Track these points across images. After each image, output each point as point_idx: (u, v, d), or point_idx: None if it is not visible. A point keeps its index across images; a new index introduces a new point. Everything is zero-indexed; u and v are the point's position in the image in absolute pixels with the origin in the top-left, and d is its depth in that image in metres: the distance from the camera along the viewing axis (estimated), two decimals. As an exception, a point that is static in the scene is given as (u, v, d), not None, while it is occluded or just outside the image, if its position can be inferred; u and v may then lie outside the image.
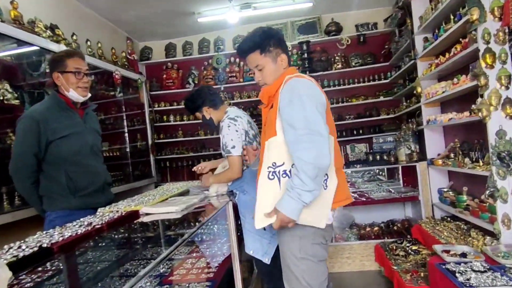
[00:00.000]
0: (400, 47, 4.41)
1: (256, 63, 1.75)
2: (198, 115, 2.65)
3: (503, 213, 2.43)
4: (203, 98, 2.58)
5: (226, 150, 2.39)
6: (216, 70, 5.46)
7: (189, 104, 2.65)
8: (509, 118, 2.41)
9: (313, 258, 1.66)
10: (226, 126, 2.41)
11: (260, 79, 1.78)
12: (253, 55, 1.74)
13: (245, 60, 1.81)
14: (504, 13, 2.35)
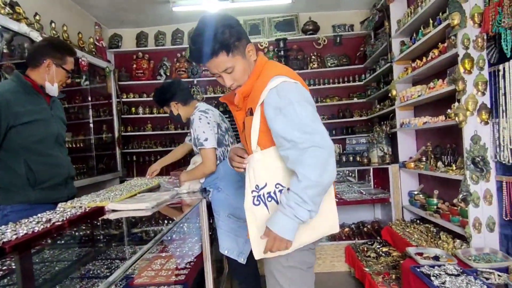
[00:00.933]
0: (376, 50, 4.44)
1: (224, 66, 1.38)
2: (166, 109, 2.57)
3: (475, 217, 2.47)
4: (172, 93, 2.47)
5: (198, 143, 2.27)
6: (189, 63, 5.28)
7: (157, 97, 2.56)
8: (484, 124, 2.44)
9: (302, 266, 1.45)
10: (197, 119, 2.31)
11: (232, 82, 1.42)
12: (219, 58, 1.36)
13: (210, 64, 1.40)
14: (483, 20, 2.37)
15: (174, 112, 2.52)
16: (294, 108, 1.28)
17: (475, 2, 2.43)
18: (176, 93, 2.48)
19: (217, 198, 2.40)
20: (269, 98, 1.33)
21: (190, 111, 2.48)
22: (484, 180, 2.45)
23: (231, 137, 2.53)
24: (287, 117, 1.28)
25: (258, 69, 1.44)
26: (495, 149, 2.39)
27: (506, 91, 2.23)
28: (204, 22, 1.37)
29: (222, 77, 1.41)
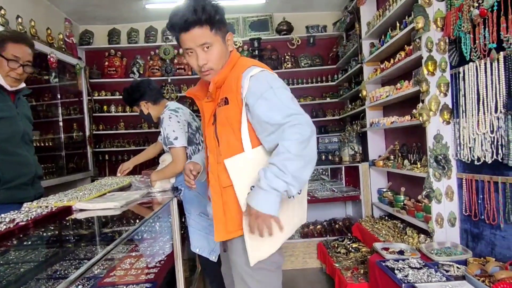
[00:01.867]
0: (347, 51, 4.55)
1: (203, 40, 1.32)
2: (136, 109, 2.55)
3: (437, 212, 2.58)
4: (141, 92, 2.46)
5: (168, 142, 2.27)
6: (163, 61, 5.23)
7: (126, 97, 2.53)
8: (445, 124, 2.56)
9: (270, 267, 1.40)
10: (167, 118, 2.31)
11: (205, 62, 1.35)
12: (201, 30, 1.30)
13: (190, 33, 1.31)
14: (445, 24, 2.49)
15: (144, 112, 2.51)
16: (275, 92, 1.30)
17: (438, 7, 2.54)
18: (146, 93, 2.46)
19: (189, 196, 2.41)
20: (249, 85, 1.33)
21: (160, 110, 2.47)
22: (446, 177, 2.56)
23: (201, 135, 2.54)
24: (269, 101, 1.29)
25: (233, 61, 1.43)
26: (456, 148, 2.50)
27: (466, 92, 2.35)
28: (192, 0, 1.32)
29: (196, 53, 1.34)
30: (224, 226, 1.39)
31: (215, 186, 1.41)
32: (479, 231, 2.37)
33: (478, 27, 2.17)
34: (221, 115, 1.39)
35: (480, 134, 2.23)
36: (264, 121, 1.30)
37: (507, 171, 2.07)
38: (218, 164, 1.40)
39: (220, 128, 1.39)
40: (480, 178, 2.29)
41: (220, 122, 1.39)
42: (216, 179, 1.40)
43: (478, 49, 2.19)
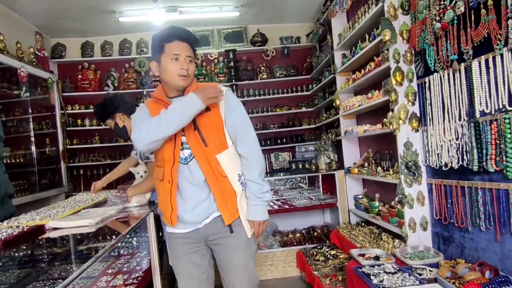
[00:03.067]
0: (321, 61, 4.66)
1: (191, 53, 1.68)
2: (110, 122, 2.50)
3: (410, 217, 2.67)
4: (116, 105, 2.44)
5: (144, 157, 2.26)
6: (138, 73, 5.20)
7: (101, 110, 2.48)
8: (414, 131, 2.66)
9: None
10: None
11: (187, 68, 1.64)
12: (190, 47, 1.67)
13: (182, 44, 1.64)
14: (411, 36, 2.60)
15: (119, 124, 2.47)
16: (242, 108, 1.75)
17: (403, 20, 2.66)
18: (120, 105, 2.45)
19: (166, 210, 2.39)
20: (229, 95, 1.72)
21: None
22: (416, 183, 2.66)
23: None
24: (242, 113, 1.72)
25: (195, 83, 1.74)
26: (425, 154, 2.61)
27: (432, 101, 2.46)
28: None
29: (184, 61, 1.63)
30: (228, 210, 1.68)
31: (212, 178, 1.65)
32: (449, 234, 2.46)
33: (440, 40, 2.29)
34: (206, 120, 1.66)
35: (447, 141, 2.34)
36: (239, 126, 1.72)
37: (472, 176, 2.17)
38: (210, 161, 1.65)
39: (205, 131, 1.65)
40: (448, 183, 2.39)
41: (204, 127, 1.65)
42: (213, 171, 1.65)
43: (441, 60, 2.31)
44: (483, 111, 2.02)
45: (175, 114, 1.56)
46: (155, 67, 1.70)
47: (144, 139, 1.57)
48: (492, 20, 1.88)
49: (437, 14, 2.27)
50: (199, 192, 1.68)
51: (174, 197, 1.66)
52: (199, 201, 1.68)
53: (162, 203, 1.73)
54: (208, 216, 1.71)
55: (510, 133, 1.84)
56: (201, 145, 1.64)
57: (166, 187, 1.67)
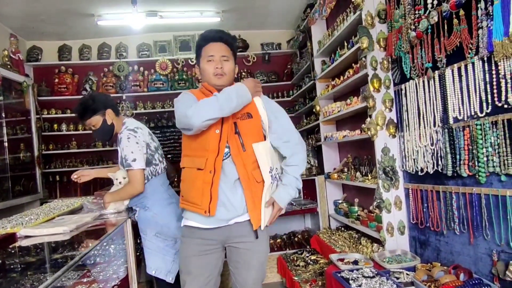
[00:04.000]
0: (301, 67, 4.71)
1: (226, 53, 1.72)
2: (98, 119, 2.29)
3: (388, 222, 2.71)
4: (106, 101, 2.35)
5: (126, 164, 2.21)
6: (117, 78, 5.13)
7: (89, 104, 2.27)
8: (392, 137, 2.71)
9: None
10: (126, 138, 2.23)
11: (221, 72, 1.69)
12: (229, 48, 1.73)
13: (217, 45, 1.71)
14: (387, 45, 2.66)
15: (108, 121, 2.31)
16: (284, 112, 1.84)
17: (380, 28, 2.72)
18: (110, 101, 2.37)
19: (144, 217, 2.35)
20: (269, 100, 1.81)
21: (119, 125, 2.38)
22: (394, 188, 2.71)
23: (161, 155, 2.47)
24: (286, 118, 1.80)
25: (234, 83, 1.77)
26: (402, 160, 2.66)
27: (408, 108, 2.52)
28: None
29: (219, 61, 1.68)
30: (257, 216, 1.69)
31: (246, 182, 1.67)
32: (425, 237, 2.51)
33: (415, 48, 2.35)
34: (246, 126, 1.70)
35: (422, 147, 2.39)
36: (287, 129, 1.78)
37: (447, 181, 2.22)
38: (247, 165, 1.67)
39: (244, 137, 1.69)
40: (424, 188, 2.45)
41: (245, 133, 1.69)
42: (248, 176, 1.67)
43: (416, 68, 2.37)
44: (456, 118, 2.08)
45: (231, 97, 1.59)
46: (198, 71, 1.78)
47: (204, 114, 1.56)
48: (463, 29, 1.95)
49: (412, 23, 2.33)
50: (231, 190, 1.68)
51: (216, 187, 1.65)
52: (230, 198, 1.68)
53: (196, 193, 1.67)
54: (236, 217, 1.70)
55: (482, 139, 1.89)
56: (240, 149, 1.68)
57: (207, 177, 1.64)
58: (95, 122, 2.32)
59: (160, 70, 5.15)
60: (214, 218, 1.67)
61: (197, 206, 1.67)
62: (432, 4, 2.16)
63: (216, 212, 1.65)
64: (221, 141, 1.65)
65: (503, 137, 1.78)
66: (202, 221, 1.70)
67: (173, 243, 2.30)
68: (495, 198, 1.86)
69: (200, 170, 1.66)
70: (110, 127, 2.35)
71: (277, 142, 1.77)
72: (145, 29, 4.95)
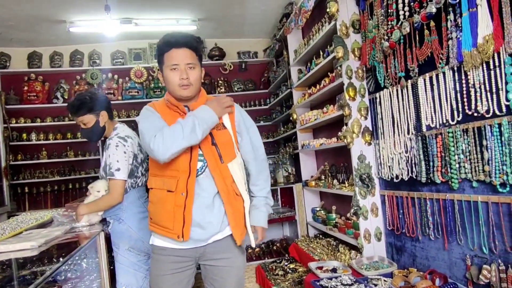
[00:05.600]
0: (278, 76, 4.74)
1: (192, 60, 1.56)
2: (92, 118, 2.20)
3: (365, 228, 2.74)
4: (105, 101, 2.25)
5: (109, 172, 2.11)
6: (90, 86, 4.99)
7: (86, 101, 2.18)
8: (367, 145, 2.75)
9: None
10: (114, 145, 2.14)
11: (187, 83, 1.55)
12: (193, 53, 1.57)
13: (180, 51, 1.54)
14: (362, 54, 2.72)
15: (100, 123, 2.22)
16: (256, 126, 1.77)
17: (354, 38, 2.77)
18: (108, 103, 2.27)
19: (118, 230, 2.27)
20: (242, 113, 1.71)
21: (110, 129, 2.29)
22: (370, 195, 2.74)
23: (145, 169, 2.37)
24: (257, 132, 1.75)
25: (204, 94, 1.70)
26: (378, 167, 2.70)
27: (383, 116, 2.56)
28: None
29: (184, 70, 1.54)
30: (240, 230, 1.63)
31: (226, 195, 1.59)
32: (401, 243, 2.55)
33: (389, 58, 2.41)
34: (222, 136, 1.62)
35: (397, 154, 2.44)
36: (254, 142, 1.71)
37: (421, 187, 2.27)
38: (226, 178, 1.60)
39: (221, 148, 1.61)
40: (399, 194, 2.49)
41: (223, 142, 1.62)
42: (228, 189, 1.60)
43: (390, 77, 2.42)
44: (429, 126, 2.13)
45: (195, 128, 1.48)
46: (161, 78, 1.64)
47: (170, 148, 1.45)
48: (434, 40, 2.01)
49: (385, 34, 2.39)
50: (208, 207, 1.57)
51: (189, 209, 1.53)
52: (206, 217, 1.57)
53: (168, 217, 1.56)
54: (215, 234, 1.60)
55: (454, 146, 1.95)
56: (217, 161, 1.59)
57: (179, 200, 1.53)
58: (87, 121, 2.22)
59: (135, 78, 5.06)
60: (190, 239, 1.57)
61: (168, 230, 1.56)
62: (404, 16, 2.22)
63: (191, 233, 1.55)
64: (192, 160, 1.55)
65: (473, 144, 1.83)
66: (176, 242, 1.59)
67: (146, 259, 2.22)
68: (468, 204, 1.91)
69: (170, 192, 1.54)
70: (102, 129, 2.26)
71: (246, 157, 1.72)
72: (119, 37, 4.86)
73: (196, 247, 1.61)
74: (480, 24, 1.70)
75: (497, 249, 1.77)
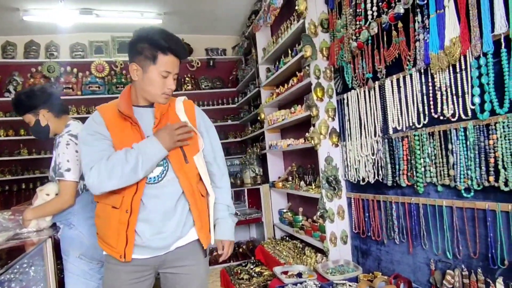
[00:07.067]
0: (246, 74, 4.64)
1: (178, 71, 1.52)
2: (30, 118, 2.06)
3: (331, 231, 2.69)
4: (44, 99, 2.04)
5: (58, 173, 1.93)
6: (47, 79, 4.68)
7: (23, 101, 2.03)
8: (334, 146, 2.71)
9: None
10: (64, 144, 1.96)
11: (170, 93, 1.49)
12: (179, 63, 1.52)
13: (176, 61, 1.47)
14: (330, 54, 2.67)
15: (41, 123, 2.04)
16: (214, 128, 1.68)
17: (323, 38, 2.72)
18: (48, 100, 2.06)
19: (68, 236, 2.09)
20: (202, 114, 1.63)
21: (60, 126, 2.08)
22: (337, 197, 2.70)
23: None
24: (216, 134, 1.66)
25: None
26: (344, 169, 2.66)
27: (350, 117, 2.52)
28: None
29: (171, 79, 1.48)
30: (205, 234, 1.55)
31: (192, 197, 1.50)
32: (367, 247, 2.52)
33: (357, 58, 2.37)
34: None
35: (364, 156, 2.40)
36: (213, 143, 1.63)
37: (387, 190, 2.24)
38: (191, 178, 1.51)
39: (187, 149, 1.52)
40: (365, 197, 2.45)
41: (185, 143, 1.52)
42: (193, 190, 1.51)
43: (358, 78, 2.38)
44: (395, 128, 2.10)
45: (137, 168, 1.36)
46: (135, 71, 1.46)
47: (105, 185, 1.36)
48: (402, 41, 1.97)
49: (354, 34, 2.34)
50: (169, 213, 1.47)
51: (132, 228, 1.42)
52: (168, 224, 1.47)
53: (112, 234, 1.44)
54: (178, 240, 1.50)
55: (420, 150, 1.92)
56: (182, 161, 1.50)
57: (122, 217, 1.41)
58: (28, 120, 2.07)
59: (96, 72, 4.80)
60: (148, 249, 1.46)
61: (112, 248, 1.44)
62: (372, 16, 2.18)
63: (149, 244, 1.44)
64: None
65: (439, 148, 1.81)
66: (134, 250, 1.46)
67: (99, 267, 2.06)
68: (433, 208, 1.89)
69: (115, 208, 1.43)
70: (44, 128, 2.07)
71: (207, 158, 1.64)
72: (79, 28, 4.59)
73: (156, 256, 1.49)
74: (448, 26, 1.67)
75: (461, 254, 1.75)
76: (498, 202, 1.54)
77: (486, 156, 1.57)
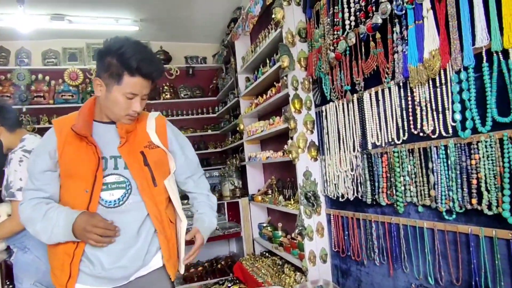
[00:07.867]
0: (226, 83, 4.52)
1: (148, 90, 1.36)
2: None
3: (310, 250, 2.56)
4: None
5: (8, 193, 1.77)
6: (16, 87, 4.46)
7: None
8: (313, 160, 2.59)
9: None
10: (17, 160, 1.80)
11: (135, 115, 1.37)
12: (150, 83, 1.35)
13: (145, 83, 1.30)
14: (308, 64, 2.56)
15: None
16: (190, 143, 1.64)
17: (301, 47, 2.61)
18: (1, 114, 1.91)
19: (22, 261, 1.91)
20: (174, 130, 1.55)
21: (15, 141, 1.92)
22: (316, 214, 2.57)
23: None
24: (192, 150, 1.61)
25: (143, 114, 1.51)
26: (324, 184, 2.54)
27: (329, 130, 2.41)
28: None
29: (138, 101, 1.33)
30: (173, 264, 1.44)
31: (160, 223, 1.39)
32: (347, 267, 2.40)
33: (335, 69, 2.26)
34: (153, 157, 1.41)
35: (343, 172, 2.29)
36: (191, 159, 1.58)
37: (367, 208, 2.13)
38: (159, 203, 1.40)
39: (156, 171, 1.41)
40: (345, 215, 2.34)
41: (154, 164, 1.41)
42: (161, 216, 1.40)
43: (336, 90, 2.27)
44: (374, 144, 1.99)
45: (52, 233, 1.28)
46: (98, 87, 1.31)
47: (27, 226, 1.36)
48: (380, 53, 1.87)
49: (332, 44, 2.24)
50: (131, 241, 1.34)
51: (76, 262, 1.29)
52: (129, 252, 1.33)
53: (56, 264, 1.32)
54: (139, 269, 1.37)
55: (399, 167, 1.82)
56: (150, 184, 1.38)
57: (67, 248, 1.29)
58: None
59: (69, 81, 4.60)
60: (106, 278, 1.32)
61: (56, 279, 1.32)
62: (350, 26, 2.08)
63: (109, 275, 1.31)
64: (92, 203, 1.29)
65: (419, 166, 1.70)
66: (89, 281, 1.32)
67: None
68: (413, 229, 1.78)
69: None
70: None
71: (181, 177, 1.57)
72: (52, 34, 4.42)
73: (114, 287, 1.35)
74: (427, 38, 1.58)
75: (443, 280, 1.64)
76: (481, 227, 1.44)
77: (468, 177, 1.47)
